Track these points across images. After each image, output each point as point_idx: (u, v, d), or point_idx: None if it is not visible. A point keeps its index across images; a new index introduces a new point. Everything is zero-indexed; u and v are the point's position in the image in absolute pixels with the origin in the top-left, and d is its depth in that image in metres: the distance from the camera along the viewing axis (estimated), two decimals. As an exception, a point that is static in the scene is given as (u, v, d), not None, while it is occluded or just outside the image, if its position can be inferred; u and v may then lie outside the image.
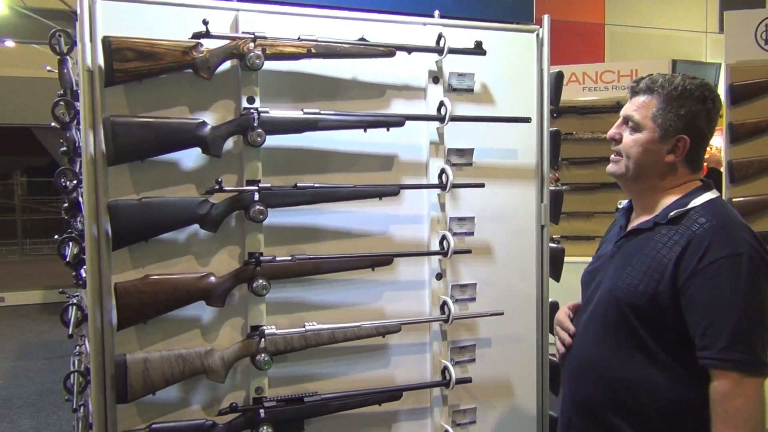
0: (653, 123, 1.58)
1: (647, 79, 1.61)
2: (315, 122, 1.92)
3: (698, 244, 1.47)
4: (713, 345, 1.43)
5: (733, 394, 1.42)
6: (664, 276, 1.50)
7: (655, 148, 1.59)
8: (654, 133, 1.58)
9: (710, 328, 1.44)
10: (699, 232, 1.49)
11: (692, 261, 1.47)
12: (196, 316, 1.90)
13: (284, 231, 1.99)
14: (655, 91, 1.59)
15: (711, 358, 1.44)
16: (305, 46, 1.89)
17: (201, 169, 1.89)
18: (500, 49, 2.24)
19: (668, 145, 1.58)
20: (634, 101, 1.63)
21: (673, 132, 1.57)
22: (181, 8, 1.86)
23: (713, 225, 1.49)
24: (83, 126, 1.77)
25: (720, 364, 1.43)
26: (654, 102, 1.58)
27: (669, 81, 1.58)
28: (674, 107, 1.57)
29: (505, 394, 2.33)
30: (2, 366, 5.98)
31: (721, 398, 1.43)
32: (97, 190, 1.77)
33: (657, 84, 1.59)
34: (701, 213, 1.52)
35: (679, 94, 1.56)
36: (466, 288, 2.22)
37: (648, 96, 1.60)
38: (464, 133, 2.20)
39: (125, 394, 1.76)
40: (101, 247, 1.78)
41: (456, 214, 2.20)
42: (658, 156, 1.59)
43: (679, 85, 1.57)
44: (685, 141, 1.58)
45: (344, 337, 1.98)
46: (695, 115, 1.57)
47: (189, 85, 1.86)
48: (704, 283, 1.45)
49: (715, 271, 1.45)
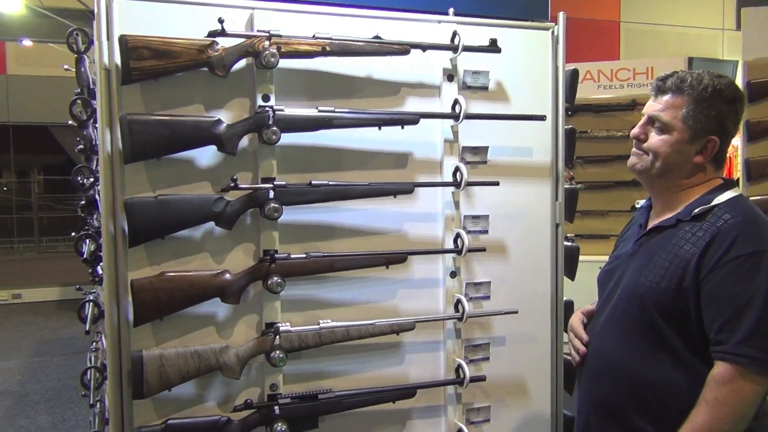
0: (683, 124, 1.56)
1: (675, 78, 1.58)
2: (329, 120, 1.92)
3: (723, 239, 1.46)
4: (728, 340, 1.43)
5: (730, 386, 1.41)
6: (687, 271, 1.49)
7: (684, 149, 1.57)
8: (684, 134, 1.56)
9: (727, 323, 1.43)
10: (724, 228, 1.48)
11: (715, 255, 1.46)
12: (212, 313, 1.92)
13: (299, 228, 2.00)
14: (685, 91, 1.55)
15: (724, 352, 1.43)
16: (320, 44, 1.90)
17: (216, 166, 1.90)
18: (515, 47, 2.23)
19: (697, 146, 1.57)
20: (661, 100, 1.59)
21: (703, 133, 1.55)
22: (196, 7, 1.87)
23: (738, 221, 1.48)
24: (100, 124, 1.78)
25: (731, 358, 1.42)
26: (683, 102, 1.56)
27: (698, 80, 1.55)
28: (705, 108, 1.54)
29: (519, 392, 2.32)
30: (19, 362, 6.05)
31: (716, 385, 1.43)
32: (114, 187, 1.78)
33: (686, 83, 1.55)
34: (726, 210, 1.51)
35: (709, 95, 1.54)
36: (480, 286, 2.22)
37: (676, 96, 1.57)
38: (479, 131, 2.20)
39: (141, 389, 1.77)
40: (118, 244, 1.80)
41: (470, 212, 2.20)
42: (687, 157, 1.58)
43: (709, 86, 1.54)
44: (715, 142, 1.57)
45: (358, 334, 1.98)
46: (725, 116, 1.56)
47: (205, 83, 1.87)
48: (725, 278, 1.44)
49: (737, 267, 1.44)
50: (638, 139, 1.63)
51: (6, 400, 5.03)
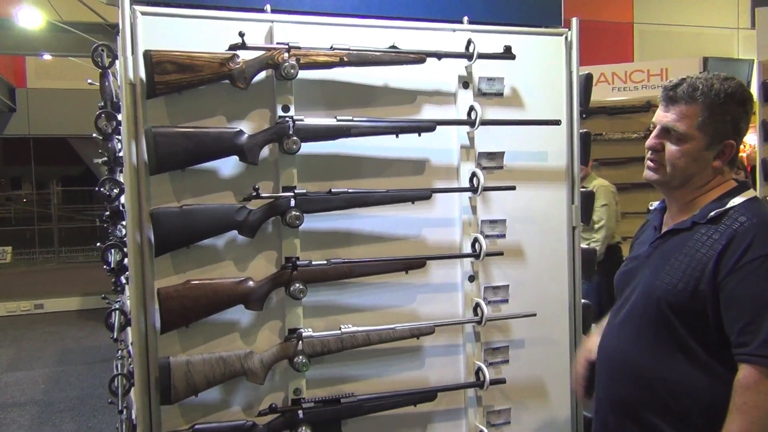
0: (700, 132, 1.56)
1: (685, 86, 1.57)
2: (348, 129, 1.96)
3: (740, 242, 1.47)
4: (751, 342, 1.43)
5: (757, 389, 1.41)
6: (704, 273, 1.50)
7: (702, 156, 1.58)
8: (701, 142, 1.57)
9: (749, 325, 1.43)
10: (740, 230, 1.48)
11: (733, 258, 1.47)
12: (236, 320, 1.96)
13: (319, 236, 2.03)
14: (698, 99, 1.55)
15: (748, 354, 1.43)
16: (338, 55, 1.94)
17: (238, 176, 1.94)
18: (529, 53, 2.26)
19: (715, 151, 1.58)
20: (674, 110, 1.58)
21: (720, 138, 1.57)
22: (218, 21, 1.92)
23: (754, 223, 1.49)
24: (126, 137, 1.83)
25: (756, 360, 1.42)
26: (697, 110, 1.55)
27: (708, 86, 1.55)
28: (720, 114, 1.55)
29: (539, 394, 2.34)
30: (44, 371, 6.14)
31: (744, 389, 1.42)
32: (140, 198, 1.83)
33: (698, 91, 1.55)
34: (741, 212, 1.52)
35: (722, 101, 1.54)
36: (498, 290, 2.24)
37: (689, 104, 1.56)
38: (494, 137, 2.22)
39: (169, 395, 1.82)
40: (144, 254, 1.84)
41: (487, 216, 2.23)
42: (706, 163, 1.59)
43: (720, 91, 1.54)
44: (732, 146, 1.58)
45: (379, 339, 2.01)
46: (739, 119, 1.57)
47: (226, 95, 1.91)
48: (744, 281, 1.45)
49: (755, 269, 1.44)
50: (655, 150, 1.63)
51: (32, 409, 5.11)
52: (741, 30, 8.89)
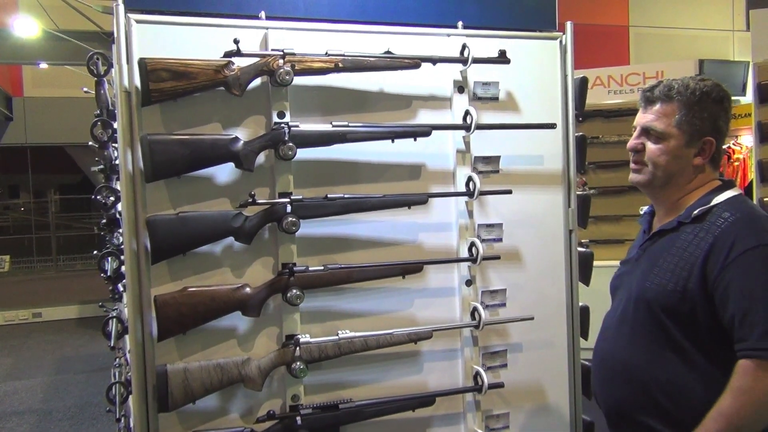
0: (678, 130, 1.60)
1: (662, 87, 1.62)
2: (344, 135, 1.96)
3: (725, 238, 1.49)
4: (749, 336, 1.44)
5: (754, 375, 1.42)
6: (692, 272, 1.51)
7: (683, 153, 1.61)
8: (680, 139, 1.60)
9: (745, 319, 1.44)
10: (724, 226, 1.50)
11: (721, 255, 1.48)
12: (233, 327, 1.95)
13: (316, 241, 2.03)
14: (674, 98, 1.60)
15: (748, 348, 1.44)
16: (333, 61, 1.94)
17: (234, 183, 1.95)
18: (524, 57, 2.26)
19: (695, 148, 1.61)
20: (652, 110, 1.63)
21: (699, 135, 1.59)
22: (212, 28, 1.92)
23: (737, 218, 1.51)
24: (121, 144, 1.83)
25: (755, 354, 1.43)
26: (674, 109, 1.60)
27: (684, 85, 1.59)
28: (696, 111, 1.58)
29: (537, 398, 2.34)
30: (42, 380, 6.12)
31: (741, 375, 1.44)
32: (136, 205, 1.83)
33: (674, 90, 1.60)
34: (725, 208, 1.54)
35: (698, 99, 1.58)
36: (496, 294, 2.24)
37: (666, 104, 1.61)
38: (490, 141, 2.23)
39: (167, 403, 1.81)
40: (141, 261, 1.84)
41: (484, 221, 2.23)
42: (686, 161, 1.61)
43: (696, 89, 1.58)
44: (712, 143, 1.60)
45: (377, 344, 2.01)
46: (717, 117, 1.60)
47: (222, 102, 1.92)
48: (735, 276, 1.46)
49: (744, 263, 1.46)
50: (636, 151, 1.66)
51: (30, 418, 5.09)
52: (736, 32, 8.93)
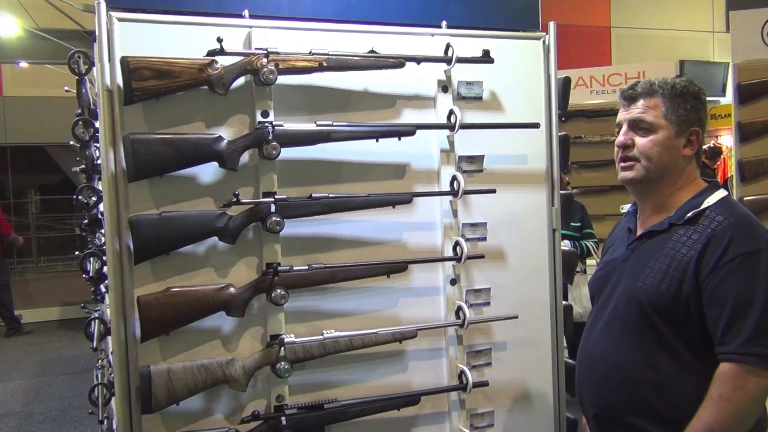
0: (666, 121, 1.61)
1: (643, 83, 1.65)
2: (328, 134, 1.96)
3: (719, 241, 1.49)
4: (732, 341, 1.45)
5: (734, 382, 1.43)
6: (686, 274, 1.52)
7: (673, 144, 1.62)
8: (670, 130, 1.61)
9: (731, 324, 1.45)
10: (719, 230, 1.51)
11: (713, 258, 1.49)
12: (217, 327, 1.94)
13: (300, 241, 2.03)
14: (657, 92, 1.62)
15: (732, 352, 1.45)
16: (317, 60, 1.94)
17: (218, 182, 1.93)
18: (507, 57, 2.27)
19: (683, 139, 1.63)
20: (638, 105, 1.64)
21: (687, 125, 1.62)
22: (195, 27, 1.91)
23: (732, 222, 1.51)
24: (103, 144, 1.81)
25: (737, 358, 1.44)
26: (659, 101, 1.62)
27: (663, 81, 1.63)
28: (680, 103, 1.61)
29: (521, 396, 2.35)
30: (23, 383, 6.05)
31: (722, 382, 1.45)
32: (119, 205, 1.82)
33: (655, 85, 1.63)
34: (718, 212, 1.55)
35: (679, 92, 1.62)
36: (480, 293, 2.25)
37: (650, 98, 1.63)
38: (474, 141, 2.24)
39: (150, 404, 1.80)
40: (123, 262, 1.83)
41: (468, 220, 2.23)
42: (677, 152, 1.63)
43: (676, 84, 1.62)
44: (698, 133, 1.63)
45: (362, 343, 2.01)
46: (698, 109, 1.64)
47: (205, 101, 1.91)
48: (724, 280, 1.47)
49: (735, 268, 1.47)
50: (625, 146, 1.66)
51: (10, 421, 5.03)
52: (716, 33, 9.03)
